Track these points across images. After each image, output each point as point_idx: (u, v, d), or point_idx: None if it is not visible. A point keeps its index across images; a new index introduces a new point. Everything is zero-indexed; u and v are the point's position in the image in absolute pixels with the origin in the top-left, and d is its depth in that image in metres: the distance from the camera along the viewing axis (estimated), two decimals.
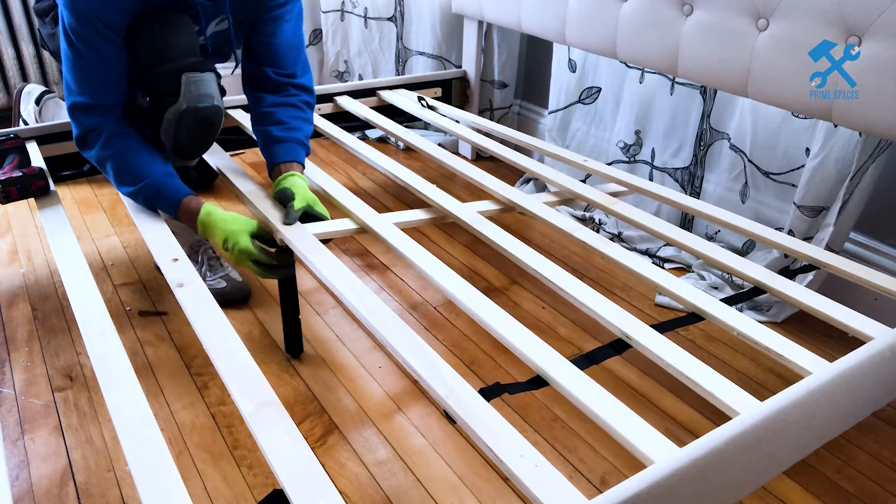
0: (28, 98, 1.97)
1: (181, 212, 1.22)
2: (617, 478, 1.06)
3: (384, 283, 1.58)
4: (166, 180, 1.22)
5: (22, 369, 1.27)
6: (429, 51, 2.28)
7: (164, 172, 1.23)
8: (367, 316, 0.95)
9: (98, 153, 1.22)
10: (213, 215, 1.19)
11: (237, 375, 0.84)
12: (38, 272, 1.58)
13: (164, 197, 1.22)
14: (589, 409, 0.80)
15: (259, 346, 1.34)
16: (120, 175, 1.22)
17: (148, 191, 1.21)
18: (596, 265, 1.68)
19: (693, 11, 1.36)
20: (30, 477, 1.04)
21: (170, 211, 1.23)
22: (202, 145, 1.28)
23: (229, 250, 1.16)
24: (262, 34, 1.32)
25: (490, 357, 1.33)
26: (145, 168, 1.21)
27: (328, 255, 1.10)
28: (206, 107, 1.21)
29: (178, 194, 1.22)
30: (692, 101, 1.61)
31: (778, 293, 1.06)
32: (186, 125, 1.20)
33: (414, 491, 1.03)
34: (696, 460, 0.66)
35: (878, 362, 0.83)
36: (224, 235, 1.16)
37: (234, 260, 1.17)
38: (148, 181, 1.21)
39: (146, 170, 1.21)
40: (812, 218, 1.38)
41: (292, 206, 1.21)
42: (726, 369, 1.31)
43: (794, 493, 1.04)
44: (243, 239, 1.15)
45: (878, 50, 1.09)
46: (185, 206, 1.21)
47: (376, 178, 2.14)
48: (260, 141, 1.37)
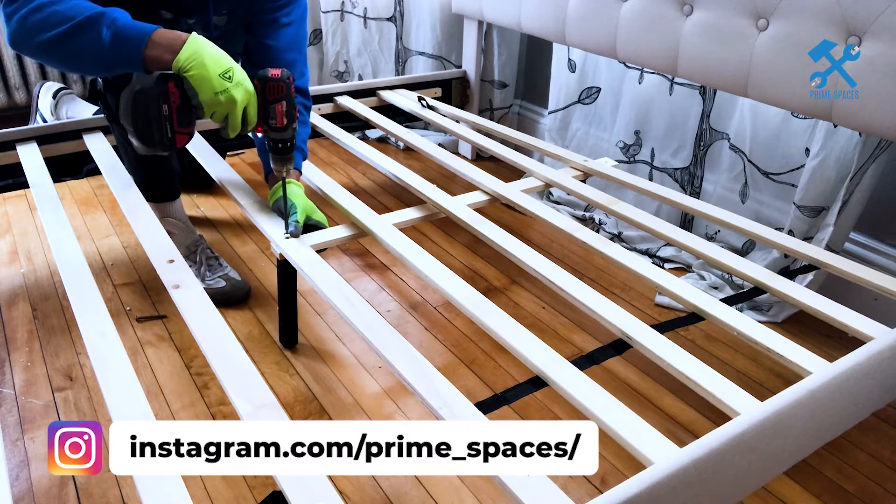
0: (46, 93, 2.01)
1: (157, 35, 1.02)
2: (617, 478, 1.06)
3: (384, 283, 1.58)
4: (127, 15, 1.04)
5: (22, 369, 1.27)
6: (429, 51, 2.28)
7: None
8: (365, 331, 0.95)
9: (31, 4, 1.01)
10: (208, 43, 1.04)
11: (235, 376, 0.84)
12: (38, 272, 1.58)
13: (132, 25, 1.03)
14: (589, 410, 0.80)
15: (259, 346, 1.34)
16: (59, 15, 1.01)
17: (107, 20, 1.01)
18: (596, 265, 1.68)
19: (693, 11, 1.36)
20: (30, 477, 1.04)
21: (138, 39, 1.02)
22: (162, 130, 1.11)
23: (228, 85, 1.02)
24: (259, 36, 1.30)
25: (490, 357, 1.32)
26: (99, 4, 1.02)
27: (325, 268, 1.10)
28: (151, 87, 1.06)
29: (150, 25, 1.04)
30: (692, 101, 1.61)
31: (778, 293, 1.06)
32: (140, 107, 1.07)
33: (414, 491, 1.03)
34: (696, 460, 0.66)
35: (878, 362, 0.83)
36: (228, 65, 1.04)
37: (226, 104, 1.04)
38: (107, 11, 1.02)
39: (100, 4, 1.02)
40: (812, 218, 1.38)
41: (295, 221, 1.19)
42: (726, 369, 1.30)
43: (794, 493, 1.04)
44: (248, 82, 1.06)
45: (878, 50, 1.09)
46: (163, 32, 1.03)
47: (376, 177, 2.14)
48: (257, 144, 1.36)
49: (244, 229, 1.79)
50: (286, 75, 1.10)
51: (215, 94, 1.03)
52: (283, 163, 1.16)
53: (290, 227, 1.19)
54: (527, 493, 0.69)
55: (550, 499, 0.68)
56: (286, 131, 1.12)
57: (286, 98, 1.10)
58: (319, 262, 1.12)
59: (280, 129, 1.12)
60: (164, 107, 1.07)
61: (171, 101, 1.08)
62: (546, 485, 0.70)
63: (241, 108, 1.07)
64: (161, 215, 1.46)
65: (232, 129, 1.08)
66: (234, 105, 1.05)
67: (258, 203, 1.31)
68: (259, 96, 1.10)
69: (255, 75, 1.10)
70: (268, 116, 1.11)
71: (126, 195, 1.30)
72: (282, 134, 1.12)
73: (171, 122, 1.09)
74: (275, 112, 1.11)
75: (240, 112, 1.07)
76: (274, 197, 1.27)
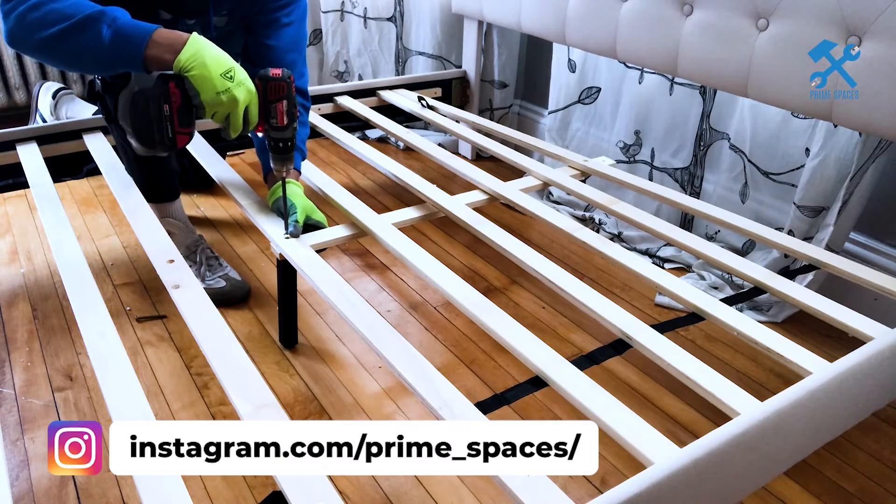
0: (45, 93, 2.02)
1: (158, 35, 1.02)
2: (617, 478, 1.06)
3: (384, 282, 1.58)
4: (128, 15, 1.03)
5: (22, 369, 1.27)
6: (429, 51, 2.28)
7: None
8: (365, 331, 0.95)
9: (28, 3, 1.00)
10: (209, 43, 1.04)
11: (235, 377, 0.84)
12: (38, 272, 1.58)
13: (132, 24, 1.03)
14: (589, 410, 0.80)
15: (259, 346, 1.34)
16: (58, 13, 1.00)
17: (107, 18, 1.01)
18: (596, 265, 1.68)
19: (693, 11, 1.36)
20: (30, 477, 1.04)
21: (139, 39, 1.02)
22: (163, 131, 1.11)
23: (230, 85, 1.02)
24: (259, 36, 1.30)
25: (490, 357, 1.32)
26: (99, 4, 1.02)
27: (325, 268, 1.10)
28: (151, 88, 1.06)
29: (150, 25, 1.04)
30: (692, 101, 1.61)
31: (778, 293, 1.06)
32: (139, 108, 1.06)
33: (414, 491, 1.03)
34: (696, 460, 0.66)
35: (878, 362, 0.83)
36: (229, 65, 1.04)
37: (228, 104, 1.04)
38: (107, 10, 1.01)
39: (101, 4, 1.02)
40: (812, 218, 1.38)
41: (295, 221, 1.19)
42: (726, 369, 1.30)
43: (794, 493, 1.04)
44: (250, 82, 1.06)
45: (878, 50, 1.09)
46: (163, 32, 1.03)
47: (376, 177, 2.14)
48: (256, 144, 1.36)
49: (244, 229, 1.79)
50: (287, 75, 1.10)
51: (217, 94, 1.03)
52: (283, 162, 1.16)
53: (289, 227, 1.19)
54: (527, 493, 0.69)
55: (550, 499, 0.68)
56: (287, 130, 1.13)
57: (287, 97, 1.11)
58: (319, 262, 1.12)
59: (281, 129, 1.12)
60: (164, 107, 1.07)
61: (172, 101, 1.07)
62: (546, 485, 0.70)
63: (242, 108, 1.06)
64: (161, 215, 1.46)
65: (233, 129, 1.08)
66: (235, 105, 1.05)
67: (258, 203, 1.31)
68: (260, 96, 1.10)
69: (255, 75, 1.10)
70: (269, 116, 1.11)
71: (126, 195, 1.30)
72: (282, 133, 1.12)
73: (172, 123, 1.09)
74: (276, 111, 1.11)
75: (241, 112, 1.07)
76: (273, 197, 1.26)
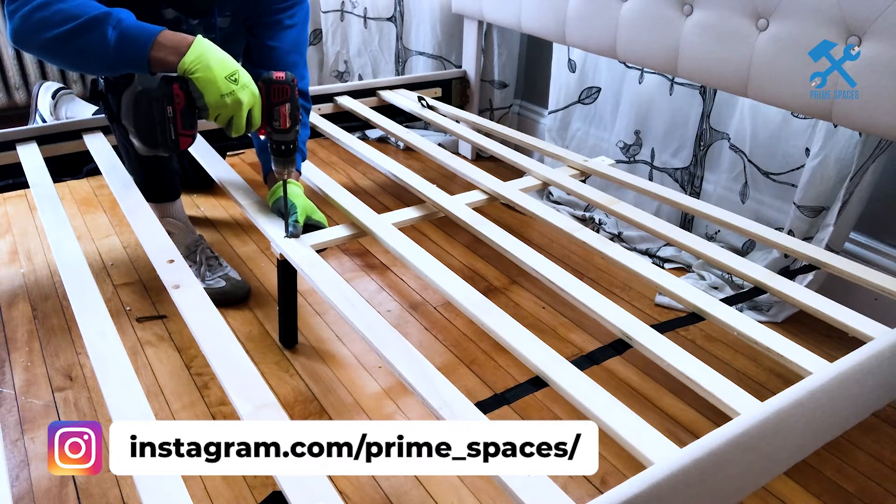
0: (45, 93, 2.02)
1: (163, 37, 1.03)
2: (617, 478, 1.06)
3: (384, 282, 1.58)
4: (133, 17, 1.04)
5: (22, 369, 1.27)
6: (429, 51, 2.28)
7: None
8: (365, 331, 0.95)
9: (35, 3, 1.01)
10: (213, 46, 1.04)
11: (235, 376, 0.84)
12: (38, 272, 1.58)
13: (137, 26, 1.03)
14: (589, 410, 0.80)
15: (259, 346, 1.34)
16: (63, 13, 1.01)
17: (112, 20, 1.01)
18: (596, 265, 1.68)
19: (693, 11, 1.36)
20: (30, 477, 1.04)
21: (144, 41, 1.03)
22: (166, 132, 1.12)
23: (234, 88, 1.03)
24: (262, 37, 1.30)
25: (490, 357, 1.32)
26: (104, 5, 1.03)
27: (325, 268, 1.09)
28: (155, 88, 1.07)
29: (155, 27, 1.04)
30: (692, 101, 1.61)
31: (778, 293, 1.06)
32: (142, 108, 1.07)
33: (414, 491, 1.03)
34: (696, 461, 0.66)
35: (878, 362, 0.83)
36: (233, 68, 1.04)
37: (232, 106, 1.04)
38: (113, 12, 1.02)
39: (106, 5, 1.03)
40: (812, 218, 1.38)
41: (294, 221, 1.19)
42: (726, 369, 1.30)
43: (794, 493, 1.04)
44: (254, 85, 1.06)
45: (878, 50, 1.09)
46: (168, 34, 1.03)
47: (376, 177, 2.14)
48: (256, 144, 1.36)
49: (244, 229, 1.79)
50: (290, 78, 1.10)
51: (221, 97, 1.04)
52: (284, 164, 1.16)
53: (290, 227, 1.19)
54: (527, 493, 0.69)
55: (550, 499, 0.68)
56: (289, 133, 1.12)
57: (290, 100, 1.10)
58: (319, 262, 1.12)
59: (283, 132, 1.12)
60: (168, 108, 1.07)
61: (175, 102, 1.07)
62: (546, 485, 0.70)
63: (246, 111, 1.07)
64: (161, 215, 1.46)
65: (235, 131, 1.08)
66: (239, 107, 1.05)
67: (258, 203, 1.31)
68: (263, 98, 1.10)
69: (258, 77, 1.10)
70: (271, 118, 1.11)
71: (126, 195, 1.30)
72: (285, 136, 1.12)
73: (176, 124, 1.09)
74: (279, 114, 1.11)
75: (245, 114, 1.07)
76: (273, 197, 1.26)
